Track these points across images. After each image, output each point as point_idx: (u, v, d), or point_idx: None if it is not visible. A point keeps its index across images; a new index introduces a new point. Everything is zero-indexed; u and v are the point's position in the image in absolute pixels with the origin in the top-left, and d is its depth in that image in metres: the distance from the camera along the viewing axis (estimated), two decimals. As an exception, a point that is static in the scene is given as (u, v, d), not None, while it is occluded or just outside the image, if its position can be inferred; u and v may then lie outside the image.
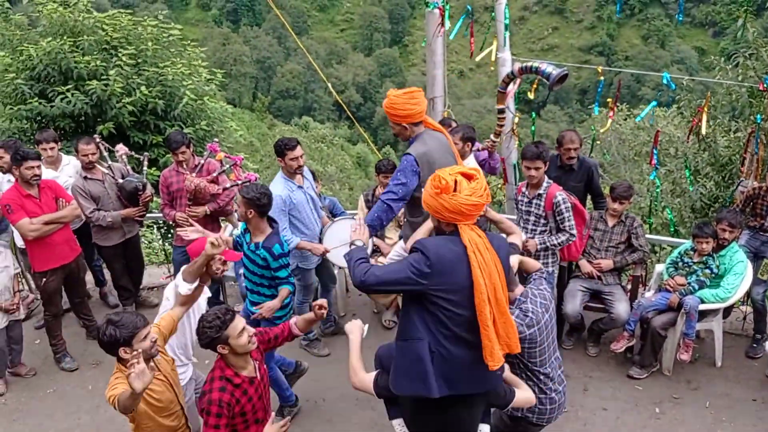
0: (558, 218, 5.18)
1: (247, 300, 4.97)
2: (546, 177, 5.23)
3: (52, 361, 5.95)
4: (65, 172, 6.27)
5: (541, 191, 5.21)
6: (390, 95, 4.36)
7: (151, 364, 3.28)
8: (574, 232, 5.22)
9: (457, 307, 3.04)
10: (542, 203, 5.20)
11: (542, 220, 5.26)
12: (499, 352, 3.04)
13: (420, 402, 3.26)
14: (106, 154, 6.26)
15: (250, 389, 3.46)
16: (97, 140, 6.19)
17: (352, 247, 3.58)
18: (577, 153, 5.71)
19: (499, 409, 3.60)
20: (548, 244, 5.23)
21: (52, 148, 6.12)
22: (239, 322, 3.37)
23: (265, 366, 3.76)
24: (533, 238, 5.25)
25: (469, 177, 3.08)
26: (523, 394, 3.50)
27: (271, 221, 4.68)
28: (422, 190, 3.22)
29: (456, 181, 3.03)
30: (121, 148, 6.30)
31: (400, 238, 4.91)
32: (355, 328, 3.77)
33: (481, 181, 3.09)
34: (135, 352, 3.02)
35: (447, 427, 3.33)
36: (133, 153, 6.66)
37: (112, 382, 3.28)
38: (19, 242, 6.12)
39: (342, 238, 5.45)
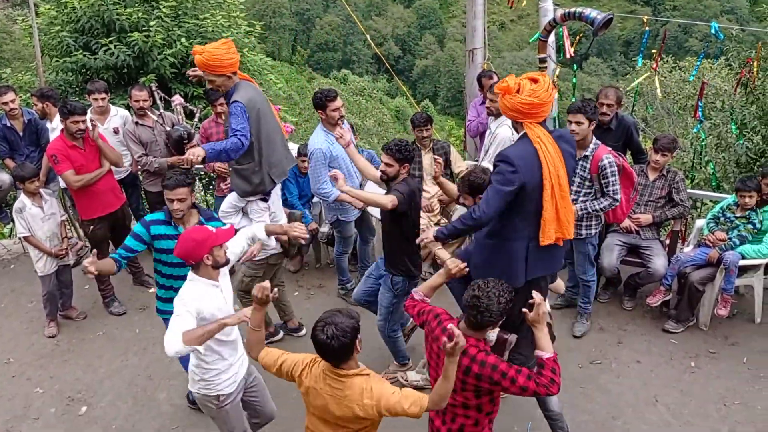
0: (603, 182, 4.97)
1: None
2: (594, 138, 5.03)
3: (101, 306, 6.20)
4: (112, 122, 6.42)
5: (587, 153, 4.99)
6: (206, 49, 4.48)
7: None
8: (618, 197, 4.99)
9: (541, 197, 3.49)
10: (588, 165, 5.00)
11: (587, 183, 5.07)
12: (552, 231, 3.51)
13: None
14: (160, 102, 6.40)
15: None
16: (153, 88, 6.34)
17: None
18: (612, 111, 5.54)
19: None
20: (590, 209, 5.04)
21: (103, 99, 6.27)
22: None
23: None
24: (576, 201, 5.09)
25: (533, 80, 3.47)
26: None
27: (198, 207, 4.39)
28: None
29: (519, 84, 3.46)
30: (177, 98, 6.51)
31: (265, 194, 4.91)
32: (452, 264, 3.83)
33: (543, 84, 3.45)
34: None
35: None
36: (188, 104, 6.79)
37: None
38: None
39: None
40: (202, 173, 8.03)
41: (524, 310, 3.19)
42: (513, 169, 3.44)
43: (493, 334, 3.35)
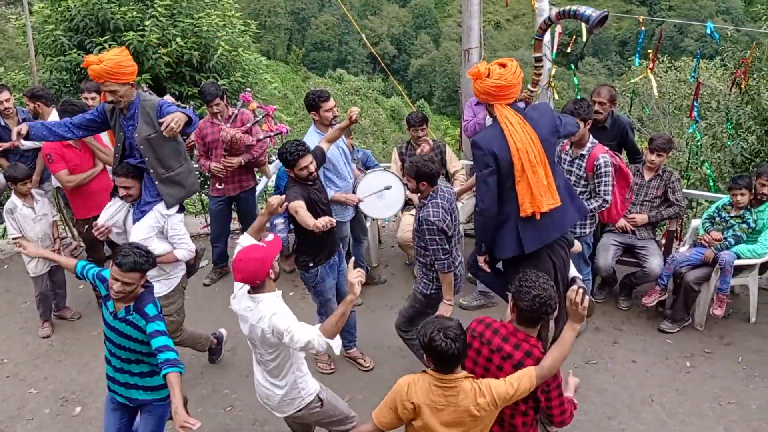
0: (596, 181, 5.00)
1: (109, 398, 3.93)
2: (590, 137, 5.06)
3: (95, 306, 6.17)
4: None
5: (584, 152, 5.03)
6: (106, 57, 4.12)
7: None
8: (609, 198, 5.01)
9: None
10: (584, 164, 5.03)
11: (582, 181, 5.10)
12: (527, 204, 3.73)
13: (521, 259, 3.91)
14: None
15: None
16: (144, 88, 6.32)
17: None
18: (606, 109, 5.54)
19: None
20: None
21: (93, 98, 6.24)
22: None
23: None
24: None
25: (502, 65, 3.71)
26: None
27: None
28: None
29: (489, 69, 3.70)
30: (167, 98, 6.43)
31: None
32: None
33: (511, 68, 3.69)
34: None
35: (544, 268, 3.89)
36: (179, 103, 6.76)
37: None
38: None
39: (375, 188, 5.54)
40: (197, 172, 8.02)
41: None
42: (482, 152, 3.72)
43: None
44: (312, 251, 4.72)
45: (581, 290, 3.06)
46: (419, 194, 4.29)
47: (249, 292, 3.45)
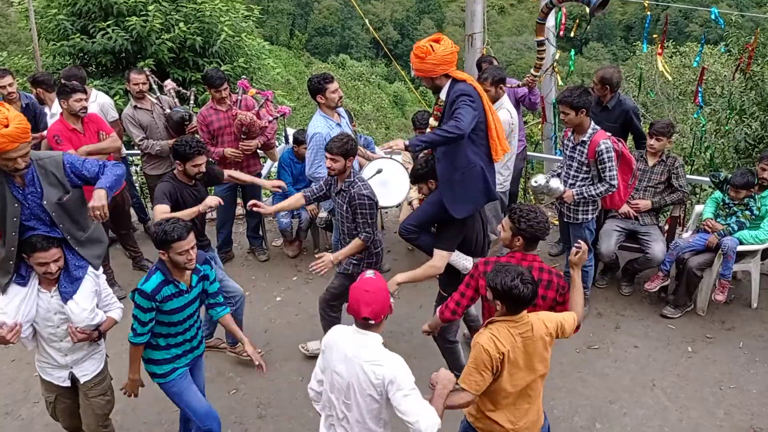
0: (600, 167, 4.98)
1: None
2: (592, 123, 5.04)
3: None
4: (91, 108, 6.27)
5: (585, 138, 5.00)
6: (12, 118, 3.47)
7: None
8: (615, 183, 5.00)
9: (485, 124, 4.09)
10: (586, 150, 5.01)
11: (584, 168, 5.09)
12: (499, 149, 4.15)
13: (458, 223, 4.19)
14: (155, 87, 6.38)
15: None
16: (147, 73, 6.32)
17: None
18: (600, 91, 5.55)
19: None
20: (586, 194, 5.07)
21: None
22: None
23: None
24: (573, 186, 5.13)
25: (437, 40, 3.98)
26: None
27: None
28: None
29: (431, 45, 3.96)
30: (169, 83, 6.47)
31: None
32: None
33: (445, 40, 4.00)
34: None
35: (474, 232, 4.32)
36: (180, 89, 6.76)
37: None
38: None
39: (367, 175, 5.50)
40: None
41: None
42: (471, 97, 3.93)
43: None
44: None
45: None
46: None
47: (360, 327, 3.06)
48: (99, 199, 3.49)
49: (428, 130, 4.27)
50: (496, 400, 3.20)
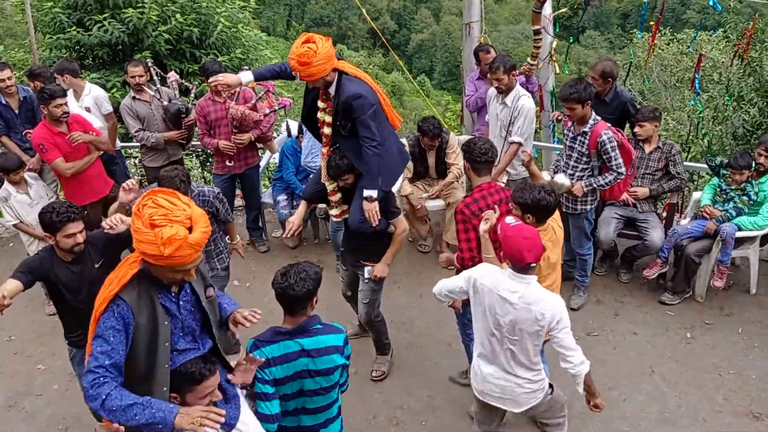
0: (605, 157, 4.96)
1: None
2: (593, 114, 5.02)
3: (100, 283, 6.20)
4: (85, 102, 6.27)
5: (586, 129, 4.99)
6: None
7: None
8: (622, 170, 4.98)
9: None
10: (586, 141, 5.00)
11: (584, 158, 5.08)
12: (397, 121, 4.43)
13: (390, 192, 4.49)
14: (156, 78, 6.37)
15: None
16: (149, 64, 6.31)
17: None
18: (599, 84, 5.49)
19: None
20: (595, 185, 5.06)
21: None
22: None
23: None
24: (573, 176, 5.13)
25: (308, 41, 3.90)
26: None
27: None
28: None
29: (309, 47, 3.87)
30: (172, 75, 6.49)
31: None
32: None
33: (316, 38, 3.92)
34: None
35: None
36: (183, 81, 6.75)
37: None
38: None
39: None
40: (199, 150, 8.03)
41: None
42: (368, 100, 4.06)
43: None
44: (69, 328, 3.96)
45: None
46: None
47: (518, 272, 3.25)
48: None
49: (327, 129, 4.34)
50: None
